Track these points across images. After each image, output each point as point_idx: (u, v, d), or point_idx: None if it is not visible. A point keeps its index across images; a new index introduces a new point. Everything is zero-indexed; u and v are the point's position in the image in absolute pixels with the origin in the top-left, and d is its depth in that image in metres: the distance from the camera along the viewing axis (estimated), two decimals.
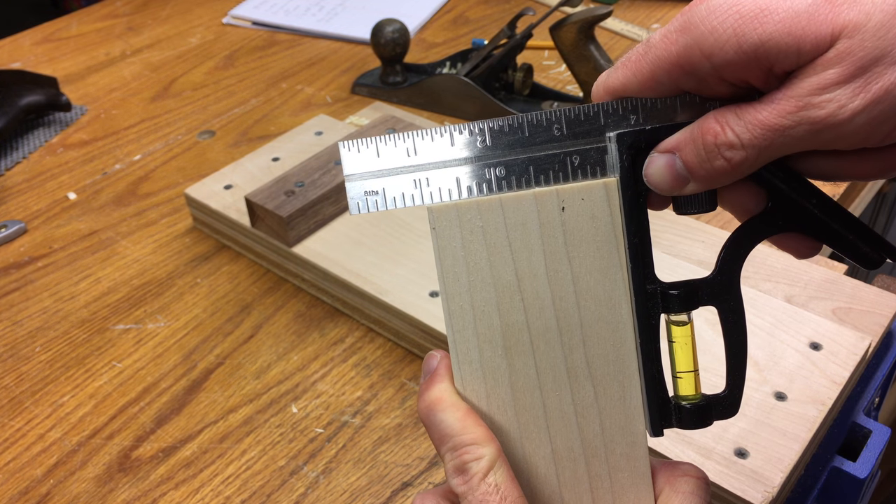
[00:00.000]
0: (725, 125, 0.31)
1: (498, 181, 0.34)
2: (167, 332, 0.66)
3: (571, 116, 0.34)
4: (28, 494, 0.55)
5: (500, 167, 0.34)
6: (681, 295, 0.34)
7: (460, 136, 0.34)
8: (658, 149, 0.33)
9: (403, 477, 0.54)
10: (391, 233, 0.68)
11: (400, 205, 0.34)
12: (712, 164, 0.32)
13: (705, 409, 0.35)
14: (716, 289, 0.34)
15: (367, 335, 0.65)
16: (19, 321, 0.68)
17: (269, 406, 0.60)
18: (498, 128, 0.33)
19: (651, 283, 0.34)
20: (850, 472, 0.54)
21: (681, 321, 0.34)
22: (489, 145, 0.34)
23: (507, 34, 0.87)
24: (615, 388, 0.34)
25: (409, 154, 0.34)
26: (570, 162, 0.34)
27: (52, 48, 1.12)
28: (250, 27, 1.15)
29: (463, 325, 0.34)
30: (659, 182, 0.33)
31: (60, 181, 0.85)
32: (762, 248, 0.65)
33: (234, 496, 0.54)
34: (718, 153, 0.31)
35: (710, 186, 0.33)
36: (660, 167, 0.33)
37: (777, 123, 0.30)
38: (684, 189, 0.33)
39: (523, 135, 0.34)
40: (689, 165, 0.32)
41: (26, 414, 0.60)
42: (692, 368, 0.35)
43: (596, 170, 0.34)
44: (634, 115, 0.33)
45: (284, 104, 0.96)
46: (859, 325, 0.58)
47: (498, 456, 0.33)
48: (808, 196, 0.33)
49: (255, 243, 0.71)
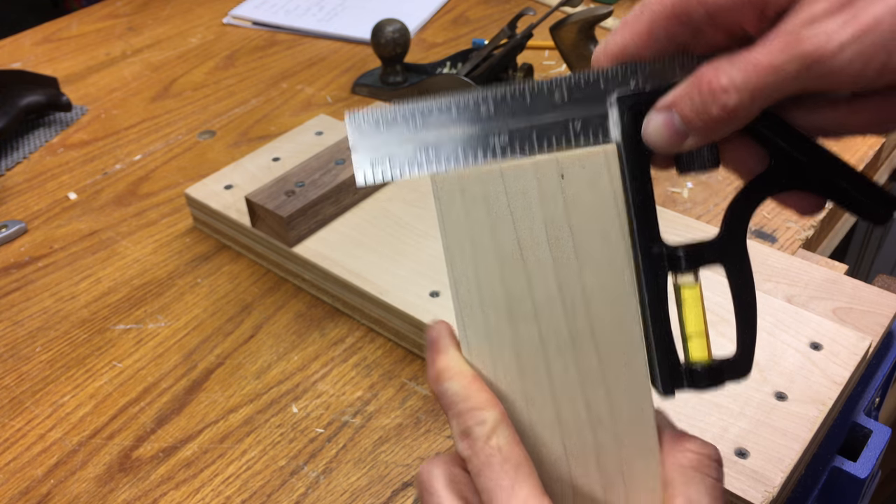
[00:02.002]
0: (719, 70, 0.31)
1: (502, 149, 0.34)
2: (167, 332, 0.66)
3: (572, 83, 0.34)
4: (28, 494, 0.55)
5: (504, 135, 0.34)
6: (687, 255, 0.34)
7: (464, 106, 0.34)
8: (655, 107, 0.33)
9: (404, 477, 0.54)
10: (391, 233, 0.68)
11: (405, 175, 0.34)
12: (708, 112, 0.32)
13: (717, 369, 0.35)
14: (722, 248, 0.34)
15: (368, 335, 0.65)
16: (20, 321, 0.68)
17: (269, 406, 0.60)
18: (501, 96, 0.34)
19: (657, 245, 0.34)
20: (850, 472, 0.54)
21: (688, 283, 0.34)
22: (492, 114, 0.34)
23: (507, 34, 0.87)
24: (619, 356, 0.34)
25: (413, 124, 0.34)
26: (572, 128, 0.34)
27: (53, 48, 1.12)
28: (250, 27, 1.15)
29: (468, 293, 0.34)
30: (657, 140, 0.33)
31: (61, 181, 0.85)
32: (762, 248, 0.65)
33: (234, 496, 0.54)
34: (714, 99, 0.31)
35: (708, 138, 0.33)
36: (658, 125, 0.33)
37: (769, 62, 0.30)
38: (683, 144, 0.33)
39: (525, 103, 0.34)
40: (685, 118, 0.32)
41: (27, 414, 0.60)
42: (702, 331, 0.35)
43: (598, 135, 0.34)
44: (634, 79, 0.34)
45: (285, 104, 0.96)
46: (860, 325, 0.58)
47: (501, 420, 0.33)
48: (809, 152, 0.33)
49: (255, 243, 0.71)
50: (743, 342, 0.35)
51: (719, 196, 0.75)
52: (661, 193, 0.76)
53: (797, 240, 0.69)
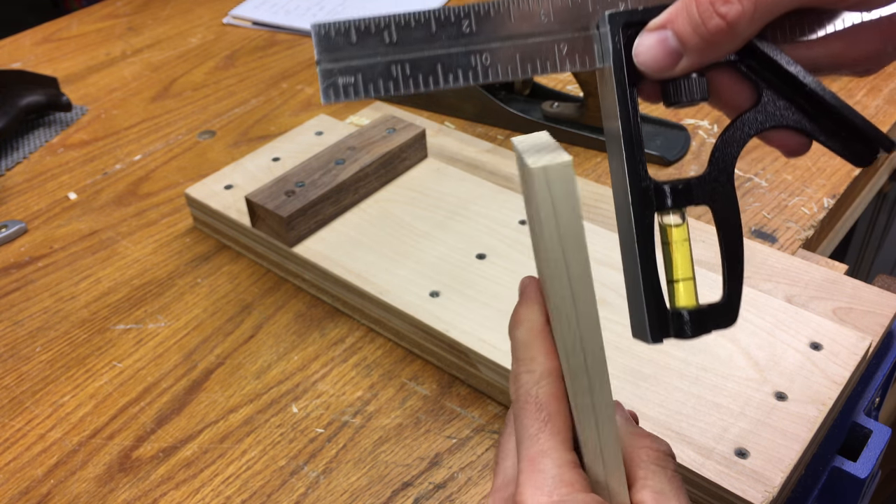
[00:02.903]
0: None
1: (484, 69, 0.32)
2: (168, 332, 0.66)
3: (559, 3, 0.32)
4: (28, 494, 0.55)
5: (486, 54, 0.32)
6: (674, 191, 0.33)
7: (444, 21, 0.32)
8: (648, 27, 0.32)
9: (404, 477, 0.54)
10: (391, 233, 0.68)
11: (375, 94, 0.32)
12: (707, 25, 0.30)
13: (703, 315, 0.33)
14: (709, 186, 0.33)
15: (368, 335, 0.65)
16: (20, 321, 0.68)
17: (269, 406, 0.60)
18: (483, 13, 0.32)
19: (643, 180, 0.33)
20: (850, 472, 0.54)
21: (675, 223, 0.34)
22: (474, 31, 0.32)
23: None
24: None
25: (387, 39, 0.31)
26: (557, 50, 0.32)
27: (53, 48, 1.12)
28: (251, 27, 1.15)
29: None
30: (650, 61, 0.32)
31: (61, 181, 0.85)
32: (762, 248, 0.65)
33: (234, 496, 0.54)
34: (713, 11, 0.30)
35: (704, 59, 0.32)
36: (651, 44, 0.32)
37: None
38: (677, 67, 0.32)
39: (510, 20, 0.32)
40: (682, 36, 0.31)
41: (27, 414, 0.60)
42: (689, 275, 0.34)
43: (585, 59, 0.33)
44: (623, 2, 0.32)
45: (285, 104, 0.96)
46: (860, 325, 0.58)
47: (548, 374, 0.34)
48: (797, 88, 0.33)
49: (255, 243, 0.71)
50: (730, 287, 0.34)
51: None
52: None
53: (797, 240, 0.69)
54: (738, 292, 0.34)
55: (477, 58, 0.32)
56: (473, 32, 0.32)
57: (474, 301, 0.61)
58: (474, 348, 0.57)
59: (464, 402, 0.59)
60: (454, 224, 0.68)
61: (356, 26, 0.31)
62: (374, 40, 0.31)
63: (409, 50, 0.32)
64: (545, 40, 0.32)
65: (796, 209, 0.72)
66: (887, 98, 0.86)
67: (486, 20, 0.32)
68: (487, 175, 0.75)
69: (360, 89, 0.31)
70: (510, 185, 0.73)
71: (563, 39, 0.32)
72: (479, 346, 0.57)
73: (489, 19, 0.32)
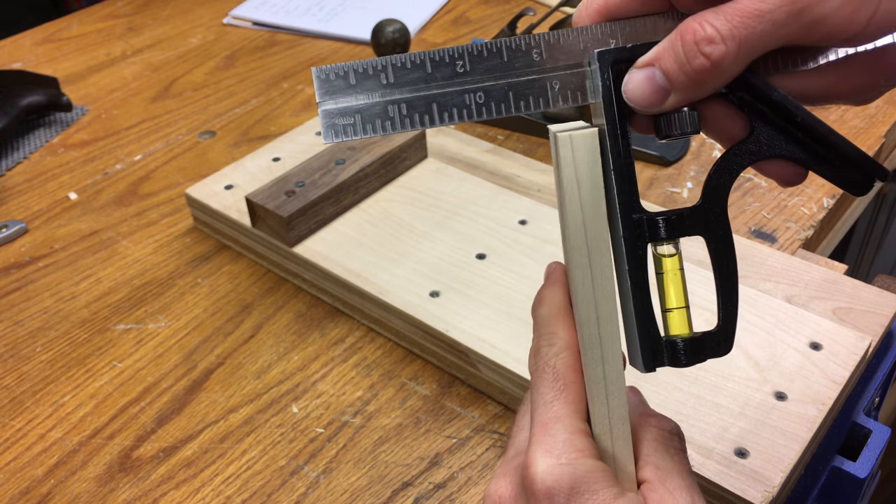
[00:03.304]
0: (704, 21, 0.31)
1: (478, 107, 0.33)
2: (168, 332, 0.66)
3: (551, 41, 0.33)
4: (29, 494, 0.55)
5: (480, 93, 0.33)
6: (667, 223, 0.33)
7: (437, 62, 0.33)
8: (637, 64, 0.33)
9: (404, 477, 0.54)
10: (391, 233, 0.68)
11: (374, 133, 0.33)
12: (692, 64, 0.31)
13: (697, 344, 0.34)
14: (702, 217, 0.34)
15: (368, 335, 0.65)
16: (20, 321, 0.68)
17: (269, 406, 0.60)
18: (477, 52, 0.33)
19: (637, 212, 0.33)
20: (850, 471, 0.54)
21: (669, 252, 0.34)
22: (468, 70, 0.33)
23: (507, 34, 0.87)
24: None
25: (384, 80, 0.33)
26: (550, 87, 0.33)
27: (53, 48, 1.12)
28: (251, 27, 1.15)
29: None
30: (638, 97, 0.32)
31: (61, 181, 0.86)
32: (762, 248, 0.65)
33: (234, 496, 0.54)
34: (698, 51, 0.31)
35: (691, 96, 0.32)
36: (639, 81, 0.32)
37: (757, 8, 0.29)
38: (665, 103, 0.32)
39: (502, 60, 0.33)
40: (668, 73, 0.32)
41: (27, 414, 0.61)
42: (682, 304, 0.34)
43: (577, 94, 0.33)
44: (614, 40, 0.33)
45: (285, 104, 0.96)
46: (859, 325, 0.58)
47: (567, 347, 0.35)
48: (790, 119, 0.33)
49: (255, 243, 0.71)
50: (724, 315, 0.34)
51: None
52: (660, 194, 0.76)
53: (797, 240, 0.69)
54: (732, 321, 0.34)
55: (471, 96, 0.33)
56: (467, 72, 0.33)
57: (474, 301, 0.61)
58: (474, 348, 0.57)
59: (464, 402, 0.59)
60: (454, 224, 0.69)
61: (355, 69, 0.33)
62: (372, 82, 0.33)
63: (405, 90, 0.33)
64: (538, 77, 0.33)
65: (796, 209, 0.72)
66: (887, 98, 0.86)
67: (479, 60, 0.33)
68: (487, 175, 0.75)
69: (359, 129, 0.33)
70: (510, 185, 0.73)
71: (556, 76, 0.33)
72: (479, 346, 0.57)
73: (482, 59, 0.33)
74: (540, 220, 0.68)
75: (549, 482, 0.32)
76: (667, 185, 0.77)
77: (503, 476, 0.36)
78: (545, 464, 0.33)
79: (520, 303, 0.61)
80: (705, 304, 0.58)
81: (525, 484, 0.33)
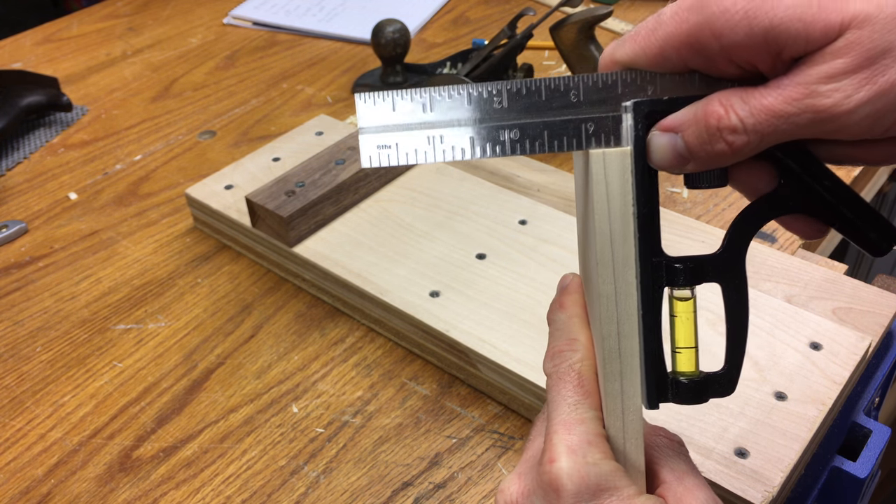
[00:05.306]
0: (730, 108, 0.31)
1: (512, 143, 0.34)
2: (168, 332, 0.66)
3: (590, 84, 0.34)
4: (29, 494, 0.55)
5: (515, 129, 0.34)
6: (686, 269, 0.34)
7: (477, 96, 0.34)
8: (660, 126, 0.33)
9: (404, 477, 0.54)
10: (391, 233, 0.68)
11: (412, 161, 0.34)
12: (713, 146, 0.32)
13: (702, 385, 0.35)
14: (721, 265, 0.35)
15: (368, 335, 0.65)
16: (20, 321, 0.68)
17: (269, 406, 0.60)
18: (516, 90, 0.34)
19: (657, 256, 0.34)
20: (850, 471, 0.54)
21: (684, 296, 0.35)
22: (506, 107, 0.34)
23: (507, 34, 0.87)
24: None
25: (424, 110, 0.34)
26: (584, 129, 0.34)
27: (53, 48, 1.12)
28: (251, 27, 1.15)
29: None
30: (660, 160, 0.33)
31: (61, 181, 0.86)
32: (762, 248, 0.65)
33: (234, 496, 0.54)
34: (720, 136, 0.32)
35: (709, 167, 0.33)
36: (662, 145, 0.33)
37: (782, 110, 0.30)
38: (685, 168, 0.33)
39: (540, 99, 0.34)
40: (689, 146, 0.32)
41: (27, 414, 0.61)
42: (692, 345, 0.35)
43: (610, 138, 0.34)
44: (652, 87, 0.34)
45: (285, 104, 0.96)
46: (859, 325, 0.58)
47: (589, 354, 0.36)
48: (819, 178, 0.33)
49: (255, 243, 0.71)
50: (731, 359, 0.35)
51: (719, 197, 0.75)
52: (660, 193, 0.76)
53: (797, 240, 0.69)
54: (738, 366, 0.35)
55: (506, 133, 0.34)
56: (504, 108, 0.34)
57: (474, 301, 0.61)
58: (474, 348, 0.57)
59: (464, 402, 0.59)
60: (454, 224, 0.69)
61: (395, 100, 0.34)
62: (413, 112, 0.34)
63: (443, 123, 0.34)
64: (573, 118, 0.34)
65: None
66: None
67: (518, 97, 0.34)
68: (487, 175, 0.75)
69: (396, 157, 0.34)
70: (510, 185, 0.73)
71: (591, 119, 0.34)
72: (479, 346, 0.57)
73: (521, 96, 0.34)
74: (540, 220, 0.68)
75: (575, 479, 0.33)
76: (667, 185, 0.77)
77: (518, 475, 0.36)
78: (571, 461, 0.33)
79: (520, 303, 0.61)
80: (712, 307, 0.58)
81: (547, 480, 0.34)
